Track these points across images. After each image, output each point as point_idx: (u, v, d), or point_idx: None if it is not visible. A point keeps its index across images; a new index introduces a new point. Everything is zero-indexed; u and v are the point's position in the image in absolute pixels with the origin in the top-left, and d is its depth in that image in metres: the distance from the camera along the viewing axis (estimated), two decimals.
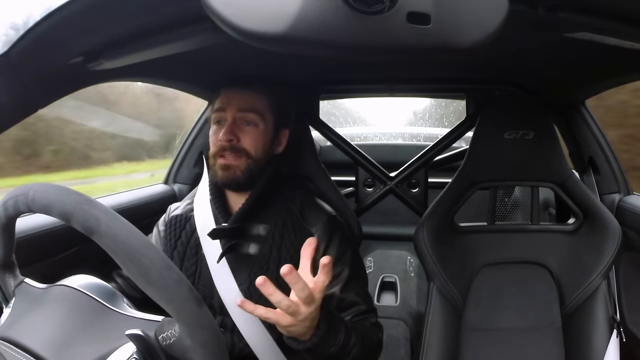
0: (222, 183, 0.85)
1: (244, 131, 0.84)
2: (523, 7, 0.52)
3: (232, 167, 0.83)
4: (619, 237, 0.96)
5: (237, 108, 0.84)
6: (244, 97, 0.85)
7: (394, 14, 0.41)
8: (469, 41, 0.44)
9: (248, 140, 0.84)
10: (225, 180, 0.84)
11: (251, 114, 0.84)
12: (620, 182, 1.20)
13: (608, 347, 0.91)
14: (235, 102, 0.84)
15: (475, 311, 1.00)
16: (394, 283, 1.64)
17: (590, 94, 1.16)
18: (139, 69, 0.81)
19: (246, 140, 0.84)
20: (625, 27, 0.56)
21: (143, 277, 0.43)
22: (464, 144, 1.50)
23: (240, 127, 0.84)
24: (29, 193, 0.48)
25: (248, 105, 0.84)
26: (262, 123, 0.85)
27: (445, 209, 1.04)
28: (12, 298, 0.56)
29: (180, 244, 0.89)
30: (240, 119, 0.84)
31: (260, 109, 0.85)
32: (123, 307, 0.52)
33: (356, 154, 1.32)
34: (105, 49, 0.62)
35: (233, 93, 0.86)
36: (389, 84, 1.30)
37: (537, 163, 1.01)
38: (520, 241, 1.05)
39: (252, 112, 0.84)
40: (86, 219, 0.44)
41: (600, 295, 0.95)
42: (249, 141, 0.84)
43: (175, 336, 0.45)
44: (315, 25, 0.40)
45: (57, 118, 2.11)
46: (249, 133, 0.84)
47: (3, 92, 0.56)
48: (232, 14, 0.40)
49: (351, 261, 0.87)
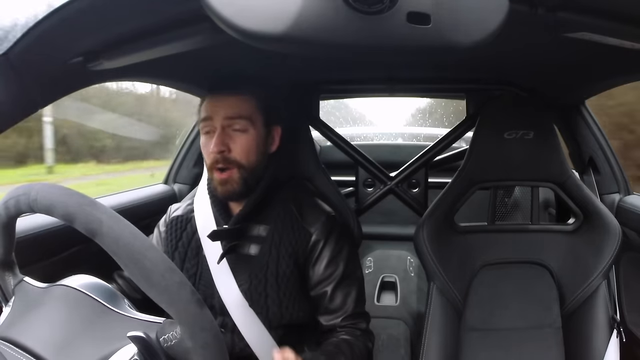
0: (223, 197, 0.85)
1: (233, 139, 0.82)
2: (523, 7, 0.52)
3: (227, 181, 0.82)
4: (619, 237, 0.96)
5: (223, 116, 0.82)
6: (230, 103, 0.83)
7: (394, 14, 0.41)
8: (469, 41, 0.44)
9: (238, 149, 0.82)
10: (224, 195, 0.84)
11: (239, 120, 0.82)
12: (620, 182, 1.20)
13: (608, 347, 0.91)
14: (221, 109, 0.82)
15: (475, 311, 1.00)
16: (394, 283, 1.64)
17: (590, 94, 1.16)
18: (139, 69, 0.81)
19: (237, 149, 0.82)
20: (625, 27, 0.56)
21: (145, 279, 0.43)
22: (464, 144, 1.51)
23: (230, 135, 0.82)
24: (31, 193, 0.48)
25: (234, 112, 0.82)
26: (252, 127, 0.83)
27: (445, 209, 1.04)
28: (12, 297, 0.56)
29: (181, 245, 0.89)
30: (229, 127, 0.82)
31: (248, 114, 0.83)
32: (124, 308, 0.52)
33: (356, 154, 1.32)
34: (105, 49, 0.62)
35: (218, 99, 0.83)
36: (389, 84, 1.30)
37: (537, 163, 1.00)
38: (520, 241, 1.05)
39: (240, 119, 0.82)
40: (89, 220, 0.44)
41: (600, 295, 0.95)
42: (239, 150, 0.82)
43: (176, 338, 0.45)
44: (315, 25, 0.40)
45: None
46: (239, 141, 0.82)
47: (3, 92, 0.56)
48: (232, 14, 0.40)
49: (346, 261, 0.87)
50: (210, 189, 0.89)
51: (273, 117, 0.88)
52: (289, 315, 0.82)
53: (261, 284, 0.82)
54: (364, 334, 0.87)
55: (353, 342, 0.83)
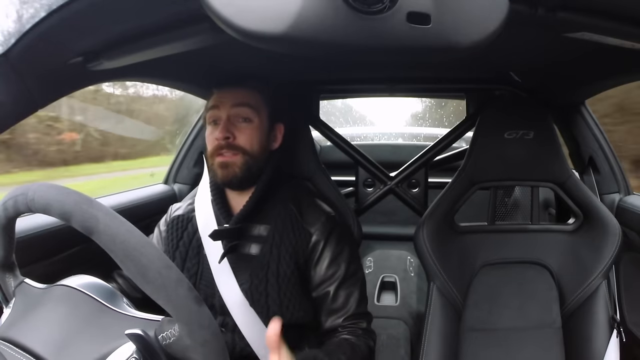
0: (222, 182, 0.85)
1: (239, 128, 0.84)
2: (523, 7, 0.52)
3: (230, 164, 0.83)
4: (619, 237, 0.96)
5: (230, 104, 0.84)
6: (237, 94, 0.85)
7: (394, 14, 0.40)
8: (469, 41, 0.44)
9: (243, 137, 0.84)
10: (224, 179, 0.84)
11: (245, 108, 0.84)
12: (620, 182, 1.20)
13: (608, 347, 0.91)
14: (228, 99, 0.85)
15: (475, 311, 1.00)
16: (394, 283, 1.64)
17: (590, 94, 1.16)
18: (138, 69, 0.81)
19: (242, 137, 0.84)
20: (625, 27, 0.56)
21: (142, 276, 0.43)
22: (464, 144, 1.51)
23: (235, 124, 0.84)
24: (28, 193, 0.48)
25: (241, 101, 0.85)
26: (257, 118, 0.85)
27: (445, 209, 1.04)
28: (12, 298, 0.56)
29: (182, 244, 0.89)
30: (235, 116, 0.84)
31: (254, 104, 0.86)
32: (123, 307, 0.52)
33: (356, 154, 1.32)
34: (104, 49, 0.62)
35: (226, 91, 0.86)
36: (389, 84, 1.30)
37: (537, 163, 1.00)
38: (520, 241, 1.05)
39: (246, 107, 0.85)
40: (85, 218, 0.44)
41: (601, 295, 0.95)
42: (244, 138, 0.84)
43: (175, 335, 0.45)
44: (315, 25, 0.40)
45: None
46: (245, 130, 0.84)
47: (3, 92, 0.56)
48: (232, 14, 0.40)
49: (347, 261, 0.87)
50: (213, 189, 0.89)
51: (278, 114, 0.90)
52: (289, 315, 0.82)
53: (262, 284, 0.82)
54: (366, 333, 0.87)
55: (354, 342, 0.83)
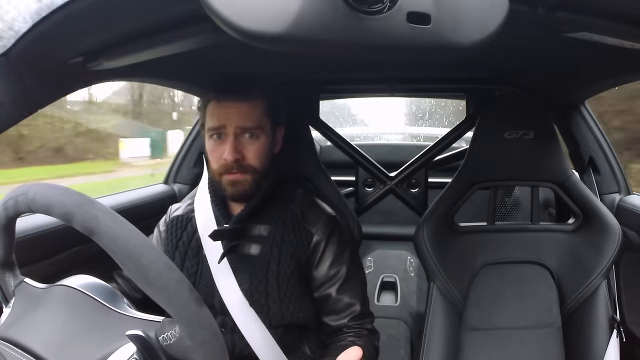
0: (232, 197, 0.85)
1: (246, 147, 0.82)
2: (523, 7, 0.52)
3: (240, 182, 0.82)
4: (619, 237, 0.96)
5: (236, 121, 0.81)
6: (241, 112, 0.82)
7: (394, 13, 0.40)
8: (469, 41, 0.44)
9: (252, 156, 0.82)
10: (234, 195, 0.84)
11: (251, 124, 0.82)
12: (620, 182, 1.20)
13: (608, 347, 0.91)
14: (233, 118, 0.81)
15: (475, 311, 1.00)
16: (394, 283, 1.64)
17: (590, 94, 1.16)
18: (138, 69, 0.81)
19: (250, 155, 0.82)
20: (625, 27, 0.56)
21: (143, 277, 0.43)
22: (464, 144, 1.51)
23: (242, 142, 0.82)
24: (29, 193, 0.48)
25: (247, 123, 0.82)
26: (263, 134, 0.84)
27: (445, 209, 1.04)
28: (12, 298, 0.56)
29: (182, 245, 0.89)
30: (241, 134, 0.82)
31: (259, 119, 0.83)
32: (123, 307, 0.51)
33: (356, 154, 1.32)
34: (105, 49, 0.62)
35: (228, 106, 0.82)
36: (389, 84, 1.30)
37: (537, 163, 1.00)
38: (520, 241, 1.05)
39: (253, 123, 0.82)
40: (86, 219, 0.44)
41: (601, 295, 0.95)
42: (253, 156, 0.82)
43: (175, 337, 0.45)
44: (315, 25, 0.40)
45: None
46: (252, 148, 0.83)
47: (3, 91, 0.56)
48: (232, 14, 0.39)
49: (349, 262, 0.87)
50: (212, 189, 0.89)
51: (277, 119, 0.89)
52: (290, 315, 0.82)
53: (262, 284, 0.82)
54: (371, 333, 0.87)
55: (363, 346, 0.80)
